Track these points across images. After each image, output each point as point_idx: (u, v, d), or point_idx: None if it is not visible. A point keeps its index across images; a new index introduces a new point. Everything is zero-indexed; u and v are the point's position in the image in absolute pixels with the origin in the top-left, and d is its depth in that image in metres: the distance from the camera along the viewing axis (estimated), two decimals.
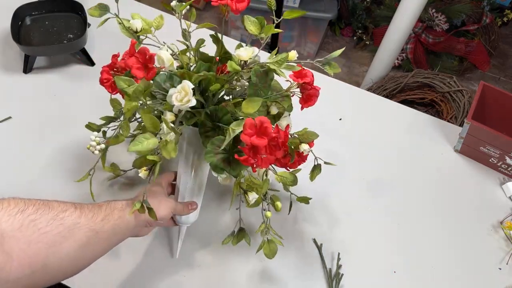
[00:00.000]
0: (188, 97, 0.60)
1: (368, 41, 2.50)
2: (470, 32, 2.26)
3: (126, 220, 0.61)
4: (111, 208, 0.59)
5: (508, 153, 0.95)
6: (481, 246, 0.88)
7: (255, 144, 0.56)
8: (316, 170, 0.78)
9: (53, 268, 0.50)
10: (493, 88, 1.03)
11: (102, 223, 0.56)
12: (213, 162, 0.63)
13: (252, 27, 0.67)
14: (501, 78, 2.43)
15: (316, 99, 0.68)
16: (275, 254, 0.72)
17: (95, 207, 0.57)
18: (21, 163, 0.89)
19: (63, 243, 0.50)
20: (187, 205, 0.74)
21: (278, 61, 0.63)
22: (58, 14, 1.14)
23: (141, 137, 0.58)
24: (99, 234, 0.55)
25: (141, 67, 0.61)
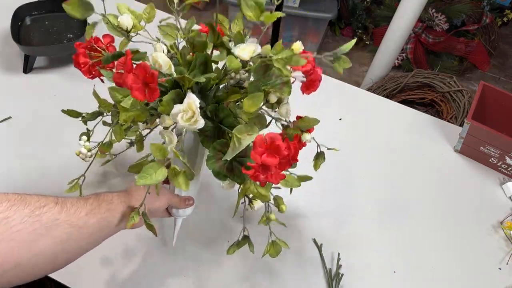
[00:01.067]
0: (196, 117, 0.55)
1: (368, 41, 2.50)
2: (470, 32, 2.26)
3: (115, 213, 0.58)
4: (98, 201, 0.57)
5: (508, 153, 0.94)
6: (481, 246, 0.88)
7: (266, 164, 0.53)
8: (320, 158, 0.74)
9: (28, 266, 0.48)
10: (493, 88, 1.03)
11: (86, 218, 0.53)
12: (215, 169, 0.59)
13: (250, 12, 0.59)
14: (501, 78, 2.43)
15: (319, 84, 0.62)
16: (279, 253, 0.71)
17: (80, 201, 0.54)
18: (21, 163, 0.89)
19: (38, 241, 0.48)
20: (184, 199, 0.72)
21: (283, 58, 0.55)
22: (58, 14, 1.14)
23: (149, 168, 0.54)
24: (82, 229, 0.52)
25: (141, 87, 0.52)
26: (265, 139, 0.53)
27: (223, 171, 0.59)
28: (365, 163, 0.99)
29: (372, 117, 1.09)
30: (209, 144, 0.60)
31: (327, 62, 0.59)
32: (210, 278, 0.78)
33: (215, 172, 0.60)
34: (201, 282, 0.77)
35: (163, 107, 0.57)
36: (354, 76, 2.38)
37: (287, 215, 0.87)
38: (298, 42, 0.57)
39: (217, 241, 0.83)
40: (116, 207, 0.58)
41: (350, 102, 1.12)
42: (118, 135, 0.63)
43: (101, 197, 0.58)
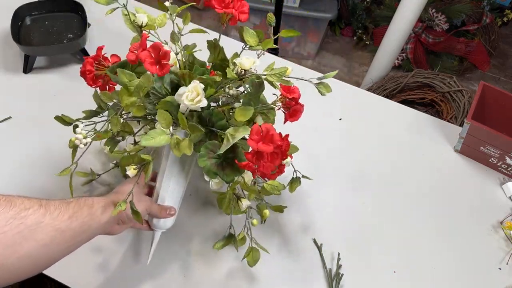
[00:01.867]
0: (200, 97, 0.60)
1: (368, 41, 2.50)
2: (470, 32, 2.26)
3: (96, 217, 0.59)
4: (80, 205, 0.57)
5: (508, 153, 0.94)
6: (481, 246, 0.88)
7: (261, 150, 0.57)
8: (295, 182, 0.78)
9: (11, 268, 0.48)
10: (493, 88, 1.03)
11: (69, 221, 0.54)
12: (206, 166, 0.63)
13: (250, 39, 0.68)
14: (501, 78, 2.43)
15: (301, 114, 0.69)
16: (257, 261, 0.72)
17: (62, 204, 0.55)
18: (20, 163, 0.89)
19: (23, 243, 0.48)
20: (165, 209, 0.71)
21: (276, 74, 0.64)
22: (58, 14, 1.14)
23: (153, 132, 0.58)
24: (65, 233, 0.53)
25: (154, 62, 0.60)
26: (261, 129, 0.57)
27: (214, 169, 0.63)
28: (365, 163, 0.99)
29: (372, 117, 1.09)
30: (199, 148, 0.63)
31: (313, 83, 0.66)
32: (206, 278, 0.78)
33: (206, 170, 0.63)
34: (199, 284, 0.77)
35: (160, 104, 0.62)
36: (354, 76, 2.37)
37: (287, 215, 0.87)
38: (290, 69, 0.66)
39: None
40: (97, 211, 0.59)
41: (350, 102, 1.12)
42: (114, 125, 0.65)
43: (81, 201, 0.58)
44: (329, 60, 2.45)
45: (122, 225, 0.68)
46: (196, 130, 0.61)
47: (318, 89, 0.68)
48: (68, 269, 0.76)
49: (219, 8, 0.66)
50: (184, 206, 0.86)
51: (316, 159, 0.97)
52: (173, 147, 0.60)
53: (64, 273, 0.75)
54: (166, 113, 0.60)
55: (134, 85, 0.60)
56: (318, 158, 0.98)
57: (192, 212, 0.86)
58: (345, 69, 2.41)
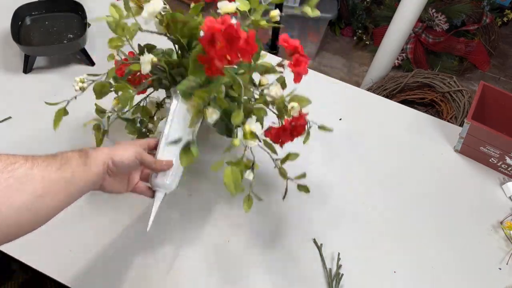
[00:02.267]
0: None
1: (368, 41, 2.50)
2: (470, 32, 2.26)
3: (86, 167, 0.57)
4: (67, 157, 0.56)
5: (508, 153, 0.95)
6: (481, 246, 0.88)
7: (211, 29, 0.52)
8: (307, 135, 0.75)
9: (9, 221, 0.48)
10: (493, 88, 1.03)
11: (59, 172, 0.53)
12: (181, 88, 0.62)
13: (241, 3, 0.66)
14: (501, 78, 2.43)
15: (305, 65, 0.64)
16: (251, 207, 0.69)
17: (49, 157, 0.54)
18: None
19: (15, 196, 0.48)
20: (160, 161, 0.67)
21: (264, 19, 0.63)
22: (58, 14, 1.14)
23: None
24: (58, 183, 0.53)
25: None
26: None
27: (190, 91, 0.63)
28: (364, 163, 0.99)
29: (372, 117, 1.09)
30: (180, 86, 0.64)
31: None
32: (205, 277, 0.78)
33: (182, 92, 0.63)
34: (197, 277, 0.77)
35: None
36: (354, 76, 2.38)
37: (287, 215, 0.87)
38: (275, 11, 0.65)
39: (214, 243, 0.83)
40: (85, 161, 0.58)
41: (350, 102, 1.12)
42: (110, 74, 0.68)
43: (67, 154, 0.57)
44: (329, 60, 2.45)
45: (119, 179, 0.65)
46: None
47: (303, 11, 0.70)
48: (69, 269, 0.76)
49: None
50: (184, 206, 0.86)
51: (316, 159, 0.97)
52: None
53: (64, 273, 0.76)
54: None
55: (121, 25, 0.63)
56: (318, 158, 0.98)
57: (192, 211, 0.86)
58: (345, 69, 2.41)
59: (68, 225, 0.81)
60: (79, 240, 0.79)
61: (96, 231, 0.81)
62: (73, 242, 0.79)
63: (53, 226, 0.80)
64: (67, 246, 0.78)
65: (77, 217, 0.82)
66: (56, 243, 0.78)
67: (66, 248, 0.78)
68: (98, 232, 0.81)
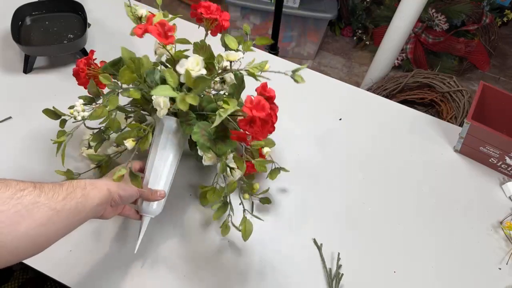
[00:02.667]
0: (200, 67, 0.69)
1: (368, 41, 2.50)
2: (470, 32, 2.26)
3: (89, 198, 0.60)
4: (73, 186, 0.59)
5: (508, 153, 0.95)
6: (481, 246, 0.88)
7: (255, 116, 0.65)
8: (275, 172, 0.83)
9: (10, 247, 0.49)
10: (493, 88, 1.03)
11: (63, 202, 0.55)
12: (199, 141, 0.71)
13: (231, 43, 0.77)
14: (501, 78, 2.43)
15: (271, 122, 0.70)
16: (250, 234, 0.76)
17: (56, 186, 0.56)
18: (20, 163, 0.89)
19: (21, 222, 0.49)
20: (155, 191, 0.74)
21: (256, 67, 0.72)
22: (58, 14, 1.14)
23: (162, 87, 0.65)
24: (60, 213, 0.55)
25: (161, 34, 0.69)
26: (253, 99, 0.66)
27: (207, 143, 0.71)
28: (364, 163, 0.99)
29: (372, 117, 1.09)
30: (190, 129, 0.72)
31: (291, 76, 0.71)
32: (205, 277, 0.78)
33: (200, 144, 0.71)
34: (198, 284, 0.77)
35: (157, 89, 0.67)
36: (354, 76, 2.38)
37: (287, 215, 0.87)
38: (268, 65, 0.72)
39: (214, 244, 0.83)
40: (90, 192, 0.61)
41: (350, 102, 1.12)
42: (112, 103, 0.69)
43: (74, 183, 0.60)
44: (329, 60, 2.45)
45: (115, 208, 0.69)
46: (201, 82, 0.66)
47: (293, 78, 0.72)
48: (69, 269, 0.76)
49: (206, 14, 0.76)
50: (183, 205, 0.86)
51: (316, 159, 0.98)
52: (180, 101, 0.65)
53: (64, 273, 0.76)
54: (173, 72, 0.67)
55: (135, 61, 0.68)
56: (318, 158, 0.98)
57: (191, 210, 0.86)
58: (345, 69, 2.41)
59: None
60: (79, 241, 0.79)
61: (96, 232, 0.81)
62: (73, 243, 0.79)
63: None
64: (67, 247, 0.78)
65: None
66: (56, 243, 0.78)
67: (66, 248, 0.78)
68: (98, 233, 0.81)
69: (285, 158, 0.95)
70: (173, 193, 0.86)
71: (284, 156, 0.95)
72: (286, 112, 0.97)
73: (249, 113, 0.65)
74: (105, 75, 0.71)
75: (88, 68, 0.80)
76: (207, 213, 0.86)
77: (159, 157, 0.76)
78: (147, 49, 0.82)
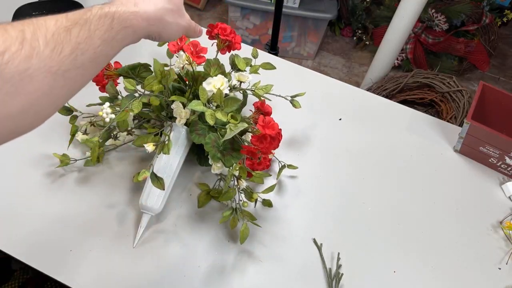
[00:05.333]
0: (224, 85, 0.77)
1: (368, 41, 2.50)
2: (470, 32, 2.27)
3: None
4: (89, 26, 0.42)
5: (507, 153, 0.95)
6: (481, 246, 0.88)
7: (267, 133, 0.73)
8: (281, 170, 0.90)
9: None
10: (493, 88, 1.04)
11: (73, 56, 0.40)
12: (211, 152, 0.76)
13: (240, 64, 0.87)
14: (501, 78, 2.44)
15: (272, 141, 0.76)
16: (246, 238, 0.78)
17: (60, 33, 0.40)
18: (17, 167, 0.89)
19: (8, 103, 0.35)
20: (198, 27, 0.67)
21: (262, 88, 0.85)
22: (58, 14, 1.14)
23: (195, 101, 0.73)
24: (70, 72, 0.40)
25: (192, 53, 0.78)
26: (264, 118, 0.74)
27: (218, 154, 0.76)
28: (364, 163, 0.99)
29: (372, 117, 1.09)
30: (201, 139, 0.78)
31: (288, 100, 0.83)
32: (209, 278, 0.78)
33: (211, 155, 0.76)
34: (198, 283, 0.77)
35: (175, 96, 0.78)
36: (354, 76, 2.38)
37: (287, 215, 0.87)
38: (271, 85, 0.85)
39: (213, 245, 0.83)
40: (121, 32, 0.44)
41: (350, 102, 1.12)
42: (136, 107, 0.73)
43: (91, 15, 0.43)
44: (329, 60, 2.45)
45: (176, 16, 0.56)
46: (232, 102, 0.74)
47: (292, 103, 0.87)
48: (69, 269, 0.76)
49: (222, 35, 0.84)
50: (185, 205, 0.87)
51: (316, 159, 0.98)
52: (209, 116, 0.72)
53: (65, 273, 0.76)
54: (204, 89, 0.74)
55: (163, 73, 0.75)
56: (318, 158, 0.98)
57: (192, 211, 0.86)
58: (345, 69, 2.41)
59: (68, 225, 0.81)
60: (80, 240, 0.79)
61: (97, 232, 0.81)
62: (74, 242, 0.79)
63: (54, 226, 0.81)
64: (67, 246, 0.78)
65: (78, 217, 0.82)
66: (57, 243, 0.79)
67: (67, 248, 0.78)
68: (98, 233, 0.81)
69: (285, 158, 0.95)
70: (173, 192, 0.87)
71: (284, 156, 0.95)
72: (286, 111, 0.97)
73: (262, 130, 0.72)
74: (130, 81, 0.75)
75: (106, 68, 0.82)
76: (207, 212, 0.86)
77: (166, 160, 0.80)
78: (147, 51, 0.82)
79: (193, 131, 0.79)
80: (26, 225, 0.80)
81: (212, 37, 0.87)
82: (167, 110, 0.84)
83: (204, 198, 0.86)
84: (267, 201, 0.86)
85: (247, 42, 2.41)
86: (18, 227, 0.80)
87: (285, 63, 1.16)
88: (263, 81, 0.87)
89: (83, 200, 0.85)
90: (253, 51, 0.91)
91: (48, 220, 0.81)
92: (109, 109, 0.73)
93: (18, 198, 0.84)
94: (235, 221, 0.80)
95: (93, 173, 0.89)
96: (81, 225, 0.81)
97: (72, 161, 0.87)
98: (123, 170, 0.89)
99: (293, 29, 2.33)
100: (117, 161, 0.91)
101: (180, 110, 0.80)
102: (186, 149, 0.84)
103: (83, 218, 0.82)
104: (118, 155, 0.92)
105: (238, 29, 2.37)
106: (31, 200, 0.84)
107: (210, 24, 0.86)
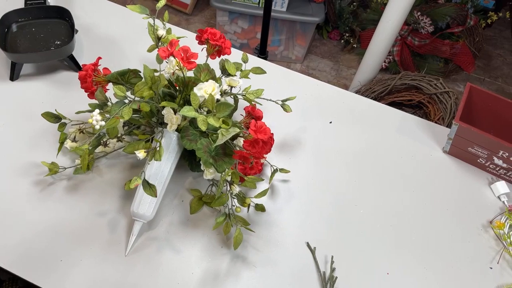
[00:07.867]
0: (216, 90, 0.78)
1: (355, 44, 2.52)
2: (455, 34, 2.30)
3: None
4: None
5: (496, 153, 0.96)
6: (472, 246, 0.89)
7: (259, 138, 0.72)
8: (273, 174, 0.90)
9: None
10: (480, 89, 1.05)
11: None
12: (203, 157, 0.76)
13: (231, 69, 0.86)
14: (486, 79, 2.47)
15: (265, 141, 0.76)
16: (240, 243, 0.78)
17: None
18: (9, 171, 0.88)
19: None
20: None
21: (253, 93, 0.85)
22: (45, 20, 1.13)
23: (186, 107, 0.72)
24: None
25: (183, 58, 0.77)
26: (256, 123, 0.73)
27: (210, 160, 0.76)
28: (356, 165, 0.99)
29: (362, 120, 1.10)
30: (193, 145, 0.78)
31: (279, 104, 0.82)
32: (198, 283, 0.78)
33: (203, 160, 0.76)
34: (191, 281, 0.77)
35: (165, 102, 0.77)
36: (342, 79, 2.39)
37: (281, 219, 0.87)
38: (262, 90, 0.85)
39: (210, 249, 0.82)
40: None
41: (339, 105, 1.13)
42: (126, 114, 0.72)
43: None
44: (317, 64, 2.46)
45: None
46: (224, 108, 0.73)
47: (283, 107, 0.87)
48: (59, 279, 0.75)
49: (212, 40, 0.83)
50: (177, 212, 0.86)
51: (308, 163, 0.98)
52: (201, 122, 0.71)
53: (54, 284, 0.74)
54: (196, 95, 0.74)
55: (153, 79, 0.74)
56: (309, 162, 0.98)
57: (184, 217, 0.85)
58: (333, 72, 2.42)
59: (58, 234, 0.80)
60: (70, 250, 0.78)
61: (87, 240, 0.80)
62: (64, 252, 0.78)
63: (43, 235, 0.79)
64: (57, 256, 0.77)
65: (68, 226, 0.81)
66: (46, 252, 0.77)
67: (57, 257, 0.77)
68: (89, 241, 0.80)
69: (276, 162, 0.95)
70: (165, 198, 0.86)
71: (276, 160, 0.95)
72: (276, 115, 0.97)
73: (254, 135, 0.72)
74: (120, 87, 0.74)
75: (95, 78, 0.82)
76: (199, 218, 0.85)
77: (157, 166, 0.80)
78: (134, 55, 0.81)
79: (184, 137, 0.79)
80: (15, 235, 0.79)
81: (202, 42, 0.86)
82: (157, 116, 0.83)
83: (197, 204, 0.85)
84: (260, 206, 0.86)
85: (235, 46, 2.41)
86: (6, 237, 0.78)
87: (275, 67, 1.17)
88: (254, 86, 0.87)
89: (73, 209, 0.84)
90: (243, 56, 0.90)
91: (37, 229, 0.80)
92: (99, 116, 0.72)
93: (6, 208, 0.82)
94: (228, 227, 0.79)
95: (82, 181, 0.87)
96: (71, 234, 0.80)
97: (61, 169, 0.85)
98: (113, 178, 0.89)
99: (281, 33, 2.34)
100: (107, 168, 0.90)
101: (171, 116, 0.79)
102: (177, 155, 0.83)
103: (73, 227, 0.81)
104: (108, 162, 0.91)
105: (226, 33, 2.37)
106: (19, 210, 0.82)
107: (199, 29, 0.85)
